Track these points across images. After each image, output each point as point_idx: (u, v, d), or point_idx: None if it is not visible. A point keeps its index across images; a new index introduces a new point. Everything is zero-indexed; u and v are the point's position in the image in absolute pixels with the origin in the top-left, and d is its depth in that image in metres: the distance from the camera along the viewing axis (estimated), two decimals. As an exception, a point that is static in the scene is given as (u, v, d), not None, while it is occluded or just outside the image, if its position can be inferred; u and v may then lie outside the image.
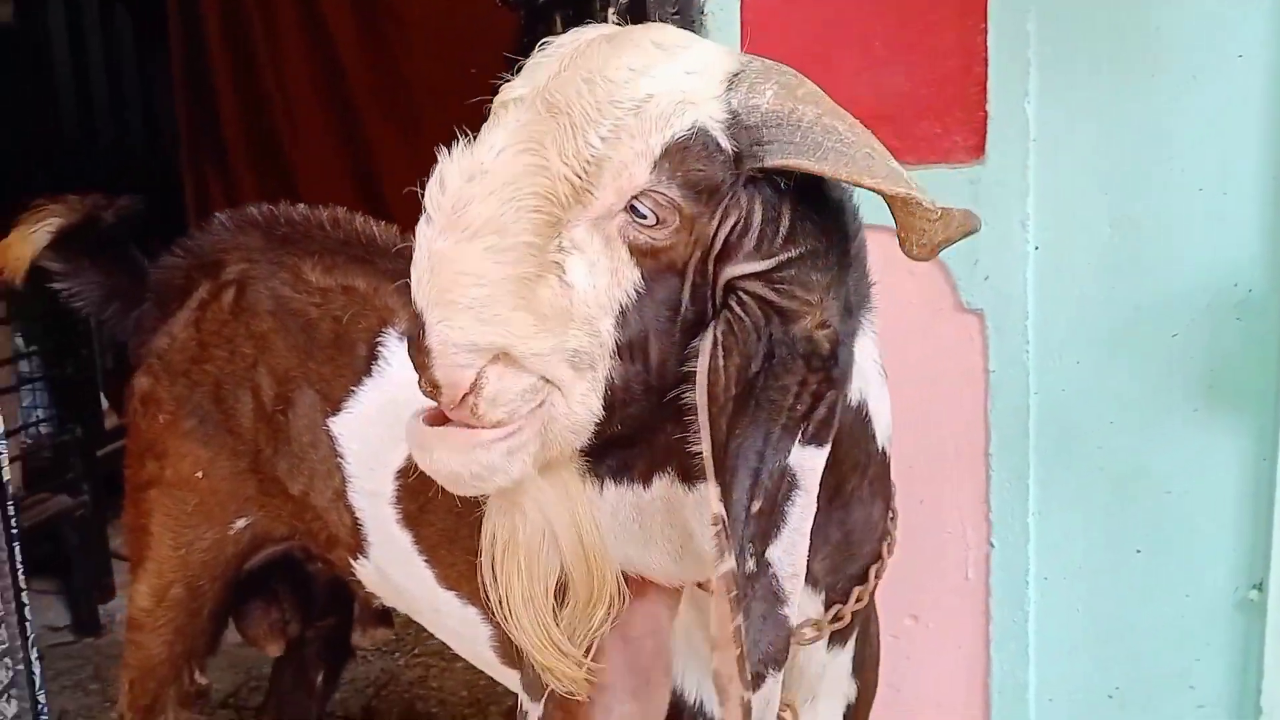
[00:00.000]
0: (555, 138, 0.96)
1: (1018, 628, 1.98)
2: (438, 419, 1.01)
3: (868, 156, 0.98)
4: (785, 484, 1.02)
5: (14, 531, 2.41)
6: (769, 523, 1.02)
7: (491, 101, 1.04)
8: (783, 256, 1.01)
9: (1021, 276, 1.86)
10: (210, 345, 1.95)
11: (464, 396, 0.97)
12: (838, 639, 1.31)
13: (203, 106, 4.12)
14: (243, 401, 1.93)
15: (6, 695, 2.41)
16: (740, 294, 1.01)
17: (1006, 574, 1.96)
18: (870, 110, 1.84)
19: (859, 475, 1.19)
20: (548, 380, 0.98)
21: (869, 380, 1.17)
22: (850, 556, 1.23)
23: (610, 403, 1.01)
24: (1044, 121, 1.82)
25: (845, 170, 0.97)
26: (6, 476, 2.37)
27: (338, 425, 1.84)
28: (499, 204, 0.95)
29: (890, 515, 1.28)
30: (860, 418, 1.17)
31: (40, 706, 2.43)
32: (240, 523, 2.00)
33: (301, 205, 1.99)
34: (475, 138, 1.00)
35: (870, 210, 1.77)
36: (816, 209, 1.03)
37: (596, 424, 1.01)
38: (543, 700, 1.29)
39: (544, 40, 1.05)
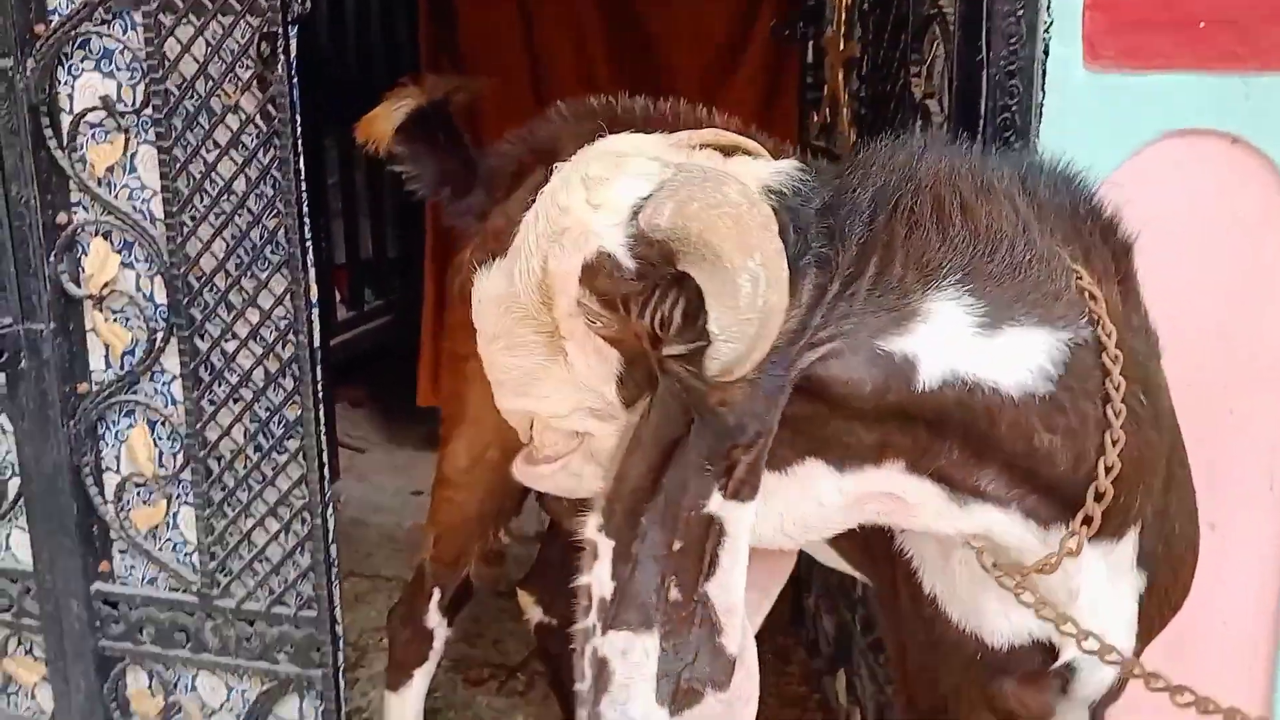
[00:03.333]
0: (518, 265, 1.25)
1: (1317, 540, 1.99)
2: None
3: (726, 272, 1.13)
4: (714, 531, 1.20)
5: (319, 394, 2.60)
6: (698, 562, 1.21)
7: None
8: (695, 345, 1.17)
9: (1358, 188, 1.85)
10: (546, 227, 2.05)
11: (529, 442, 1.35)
12: (1105, 537, 1.40)
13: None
14: (573, 280, 2.04)
15: (301, 547, 2.62)
16: (666, 370, 1.19)
17: (1310, 486, 1.97)
18: (1214, 14, 1.84)
19: (987, 424, 1.29)
20: (578, 432, 1.29)
21: (953, 357, 1.26)
22: (1031, 475, 1.33)
23: None
24: (1402, 29, 1.79)
25: (705, 282, 1.14)
26: (316, 329, 2.54)
27: None
28: (495, 317, 1.29)
29: (1107, 424, 1.32)
30: (963, 390, 1.27)
31: (332, 559, 2.63)
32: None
33: (640, 98, 2.07)
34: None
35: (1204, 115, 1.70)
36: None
37: None
38: None
39: (556, 165, 1.32)
